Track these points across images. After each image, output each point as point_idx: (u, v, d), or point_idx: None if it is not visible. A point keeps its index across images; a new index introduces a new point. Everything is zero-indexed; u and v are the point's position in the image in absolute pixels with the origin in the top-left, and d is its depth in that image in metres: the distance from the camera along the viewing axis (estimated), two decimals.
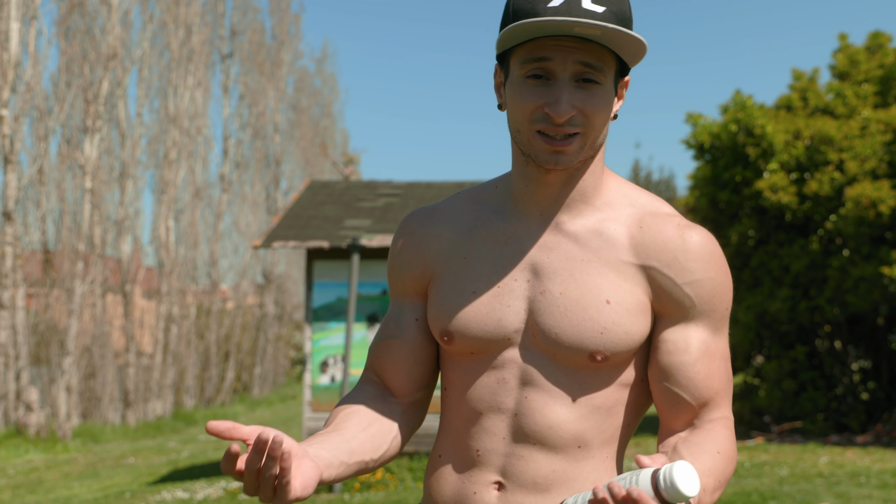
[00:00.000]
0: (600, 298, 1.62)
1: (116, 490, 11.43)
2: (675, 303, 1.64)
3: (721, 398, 1.65)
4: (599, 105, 1.58)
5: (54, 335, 21.24)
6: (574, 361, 1.63)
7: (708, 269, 1.64)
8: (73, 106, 22.20)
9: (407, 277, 1.77)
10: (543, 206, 1.68)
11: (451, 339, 1.68)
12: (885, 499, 8.36)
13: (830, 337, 14.22)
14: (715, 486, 1.53)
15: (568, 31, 1.53)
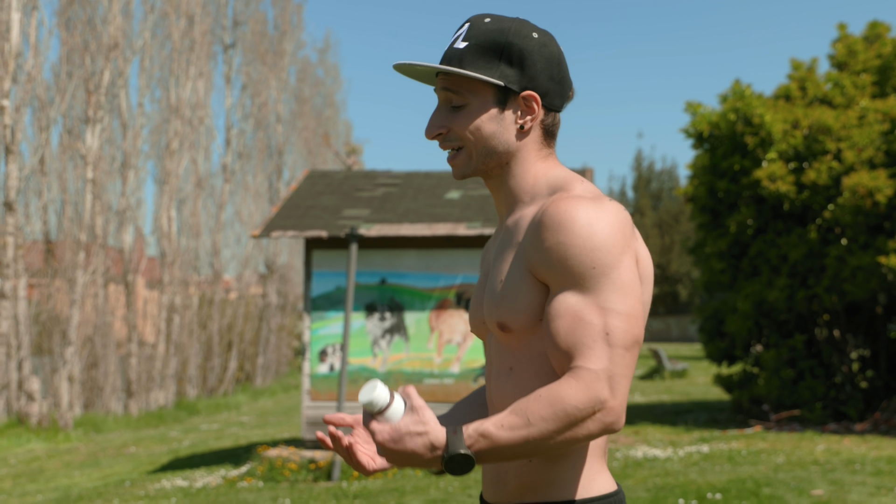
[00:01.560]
0: (499, 277, 1.89)
1: (116, 479, 11.49)
2: (542, 271, 1.81)
3: (577, 350, 1.74)
4: (464, 122, 1.91)
5: (56, 325, 21.30)
6: (500, 335, 1.89)
7: (557, 236, 1.77)
8: (75, 96, 22.22)
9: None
10: (501, 211, 2.00)
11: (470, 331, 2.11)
12: (878, 485, 8.40)
13: (829, 325, 14.24)
14: (521, 423, 1.69)
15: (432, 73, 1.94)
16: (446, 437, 1.68)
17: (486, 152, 1.91)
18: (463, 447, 1.67)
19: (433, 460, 1.69)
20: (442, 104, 1.93)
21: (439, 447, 1.68)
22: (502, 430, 1.69)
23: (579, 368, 1.73)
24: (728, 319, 14.37)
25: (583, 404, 1.69)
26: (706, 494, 7.97)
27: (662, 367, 26.31)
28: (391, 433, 1.69)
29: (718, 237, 14.29)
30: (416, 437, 1.69)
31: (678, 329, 46.29)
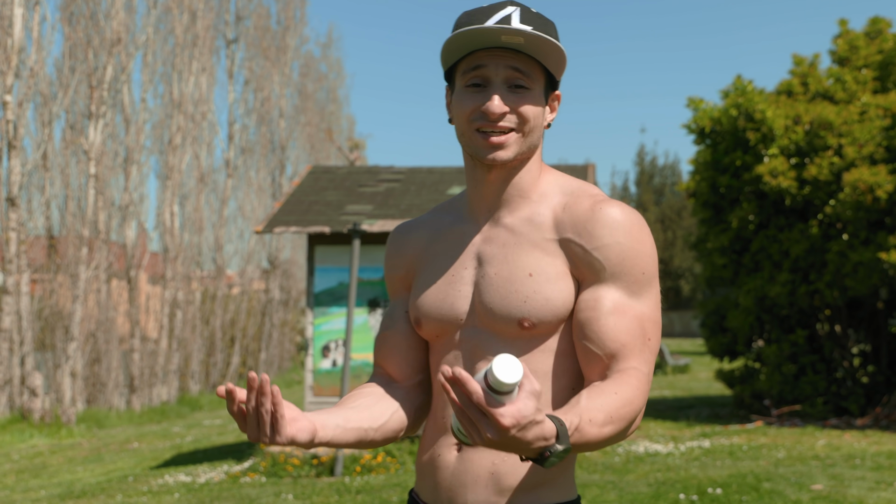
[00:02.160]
0: (524, 273, 1.85)
1: (119, 474, 11.53)
2: (587, 267, 1.83)
3: (630, 351, 1.79)
4: (529, 107, 1.84)
5: (59, 321, 21.35)
6: (508, 331, 1.85)
7: (615, 235, 1.82)
8: (77, 91, 22.25)
9: (395, 278, 2.07)
10: (489, 204, 1.93)
11: (420, 324, 1.96)
12: (877, 480, 8.43)
13: (830, 321, 14.26)
14: (605, 420, 1.68)
15: (496, 41, 1.79)
16: (556, 429, 1.58)
17: (531, 141, 1.87)
18: (568, 441, 1.59)
19: (535, 450, 1.57)
20: (501, 82, 1.82)
21: (550, 438, 1.57)
22: (591, 425, 1.66)
23: (635, 370, 1.79)
24: (730, 315, 14.39)
25: (641, 407, 1.78)
26: (707, 489, 8.00)
27: (665, 363, 26.35)
28: (518, 419, 1.51)
29: (720, 232, 14.31)
30: (535, 426, 1.55)
31: (680, 324, 46.30)
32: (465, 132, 1.86)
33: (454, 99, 1.89)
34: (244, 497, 8.86)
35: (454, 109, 1.88)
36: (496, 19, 1.81)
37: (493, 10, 1.84)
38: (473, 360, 1.88)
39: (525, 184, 1.90)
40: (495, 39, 1.79)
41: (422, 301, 1.94)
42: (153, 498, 9.28)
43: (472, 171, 1.93)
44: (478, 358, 1.87)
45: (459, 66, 1.87)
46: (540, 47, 1.80)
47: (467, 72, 1.84)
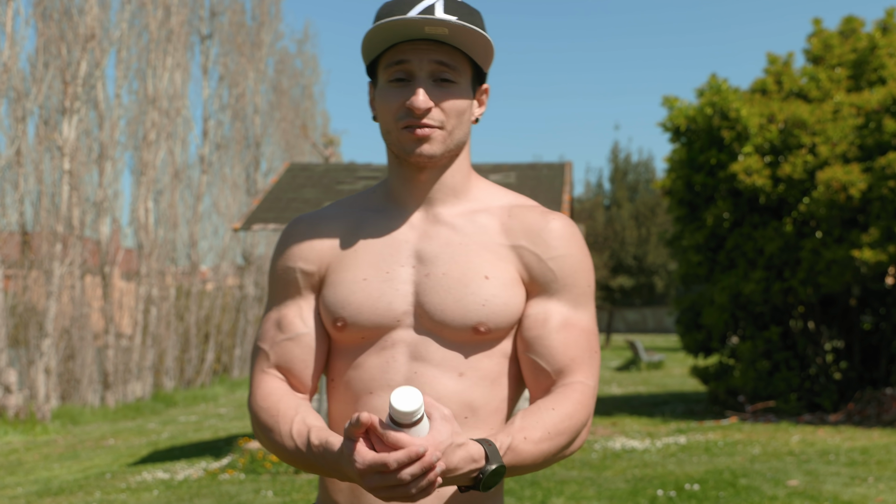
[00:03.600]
0: (480, 275, 1.77)
1: (97, 471, 11.50)
2: (540, 276, 1.80)
3: (578, 365, 1.78)
4: (456, 102, 1.76)
5: (33, 317, 21.23)
6: (459, 335, 1.76)
7: (569, 247, 1.81)
8: (51, 87, 22.11)
9: (303, 273, 1.86)
10: (419, 201, 1.84)
11: (345, 325, 1.80)
12: (852, 476, 8.54)
13: (804, 318, 14.41)
14: (542, 437, 1.67)
15: (420, 32, 1.71)
16: (484, 450, 1.58)
17: (459, 137, 1.79)
18: (499, 459, 1.58)
19: (467, 474, 1.57)
20: (426, 76, 1.74)
21: (479, 459, 1.57)
22: (526, 443, 1.64)
23: (581, 384, 1.77)
24: (705, 312, 14.52)
25: (585, 420, 1.75)
26: (684, 485, 8.08)
27: (639, 359, 26.49)
28: (436, 446, 1.50)
29: (695, 230, 14.43)
30: (458, 449, 1.54)
31: (654, 320, 46.55)
32: (391, 130, 1.78)
33: (377, 95, 1.80)
34: (224, 494, 8.87)
35: (378, 106, 1.79)
36: (419, 10, 1.72)
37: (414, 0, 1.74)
38: (414, 365, 1.77)
39: (457, 182, 1.84)
40: (418, 31, 1.70)
41: (350, 300, 1.79)
42: (132, 495, 9.27)
43: (399, 170, 1.83)
44: (419, 362, 1.77)
45: (381, 60, 1.78)
46: (466, 38, 1.72)
47: (390, 66, 1.76)
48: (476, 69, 1.80)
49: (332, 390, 1.85)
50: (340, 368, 1.83)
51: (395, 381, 1.76)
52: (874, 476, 8.52)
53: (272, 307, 1.89)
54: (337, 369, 1.84)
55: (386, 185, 1.90)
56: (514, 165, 13.09)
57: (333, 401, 1.85)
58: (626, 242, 39.53)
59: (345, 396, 1.81)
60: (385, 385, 1.76)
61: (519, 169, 12.90)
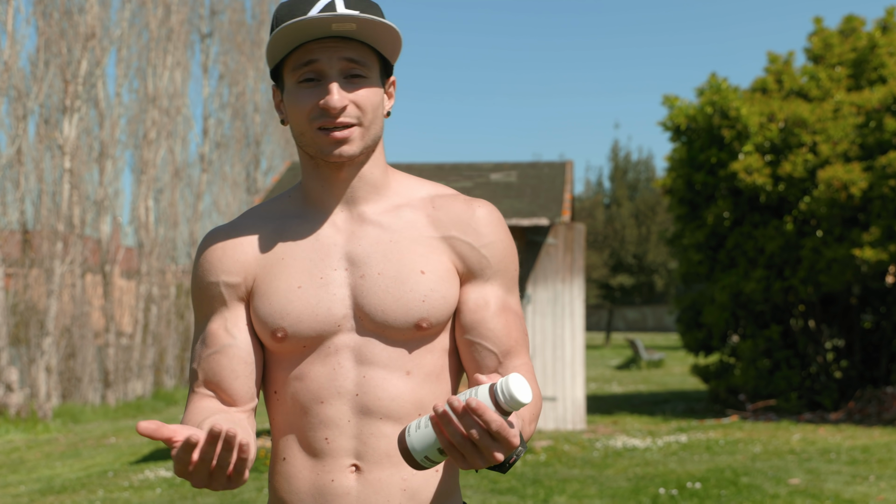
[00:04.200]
0: (415, 270, 1.75)
1: (99, 469, 11.52)
2: (475, 264, 1.79)
3: (520, 347, 1.81)
4: (370, 97, 1.73)
5: (34, 315, 21.25)
6: (402, 334, 1.74)
7: (497, 233, 1.82)
8: (52, 86, 22.12)
9: (227, 285, 1.80)
10: (340, 201, 1.80)
11: (285, 335, 1.75)
12: (853, 474, 8.57)
13: (804, 316, 14.44)
14: (531, 418, 1.68)
15: (327, 30, 1.68)
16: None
17: (374, 132, 1.76)
18: (524, 442, 1.60)
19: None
20: (337, 74, 1.71)
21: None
22: (525, 424, 1.65)
23: (526, 364, 1.80)
24: (705, 310, 14.54)
25: (541, 403, 1.76)
26: (686, 484, 8.11)
27: (639, 357, 26.52)
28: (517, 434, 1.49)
29: (696, 229, 14.45)
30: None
31: (654, 319, 46.59)
32: (306, 132, 1.73)
33: (286, 97, 1.75)
34: (226, 492, 8.89)
35: (289, 109, 1.75)
36: (320, 7, 1.69)
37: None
38: (361, 369, 1.74)
39: (377, 179, 1.81)
40: (325, 29, 1.68)
41: (288, 309, 1.75)
42: (135, 493, 9.29)
43: (316, 171, 1.79)
44: (367, 365, 1.74)
45: (287, 61, 1.74)
46: (373, 32, 1.70)
47: (298, 67, 1.72)
48: (383, 62, 1.78)
49: (275, 402, 1.81)
50: (282, 379, 1.78)
51: (345, 388, 1.73)
52: (875, 475, 8.55)
53: (199, 326, 1.84)
54: (278, 381, 1.79)
55: (300, 188, 1.86)
56: (515, 164, 13.11)
57: (278, 413, 1.80)
58: (625, 241, 39.55)
59: (292, 408, 1.77)
60: (335, 392, 1.74)
61: (520, 168, 12.93)
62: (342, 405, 1.73)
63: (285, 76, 1.75)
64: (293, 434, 1.77)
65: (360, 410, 1.73)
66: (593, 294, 39.06)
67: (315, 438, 1.74)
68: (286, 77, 1.75)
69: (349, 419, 1.73)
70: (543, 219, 11.18)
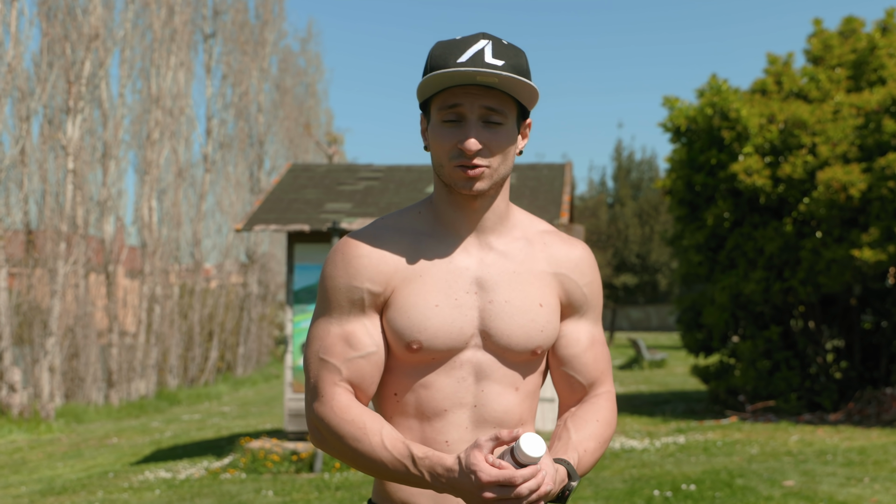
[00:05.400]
0: (535, 303, 2.00)
1: (100, 470, 11.58)
2: (577, 301, 2.07)
3: (605, 376, 2.10)
4: (503, 142, 1.93)
5: (37, 315, 21.31)
6: (519, 357, 1.99)
7: (594, 273, 2.10)
8: (55, 86, 22.18)
9: (370, 293, 1.97)
10: (472, 228, 2.01)
11: (420, 348, 1.95)
12: (848, 476, 8.59)
13: (804, 317, 14.45)
14: (596, 447, 2.00)
15: (472, 80, 1.88)
16: (567, 470, 1.88)
17: (504, 172, 1.96)
18: (577, 475, 1.89)
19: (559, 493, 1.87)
20: (476, 119, 1.90)
21: (565, 478, 1.88)
22: (587, 454, 1.96)
23: (608, 393, 2.10)
24: (705, 311, 14.56)
25: (616, 422, 2.07)
26: (681, 485, 8.14)
27: (641, 357, 26.53)
28: (553, 480, 1.80)
29: (696, 230, 14.47)
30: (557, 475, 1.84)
31: (657, 318, 46.56)
32: (445, 165, 1.94)
33: (431, 132, 1.95)
34: (224, 493, 8.94)
35: (432, 143, 1.94)
36: (470, 55, 1.88)
37: (466, 44, 1.91)
38: (481, 383, 1.97)
39: (502, 211, 2.02)
40: (471, 79, 1.87)
41: (426, 325, 1.94)
42: (134, 494, 9.34)
43: (450, 197, 1.99)
44: (486, 381, 1.97)
45: (435, 100, 1.94)
46: (513, 85, 1.88)
47: (443, 108, 1.92)
48: (521, 108, 1.97)
49: (393, 403, 2.01)
50: (407, 385, 1.98)
51: (467, 399, 1.96)
52: (870, 476, 8.57)
53: (332, 320, 1.99)
54: (402, 385, 1.99)
55: (430, 207, 2.06)
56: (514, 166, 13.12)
57: (395, 413, 2.00)
58: (629, 240, 39.53)
59: (415, 411, 1.98)
60: (458, 403, 1.96)
61: (519, 169, 12.95)
62: (462, 414, 1.97)
63: (432, 111, 1.95)
64: (411, 434, 1.98)
65: (477, 419, 1.97)
66: None
67: (436, 441, 1.96)
68: (433, 112, 1.95)
69: (467, 426, 1.96)
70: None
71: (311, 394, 1.98)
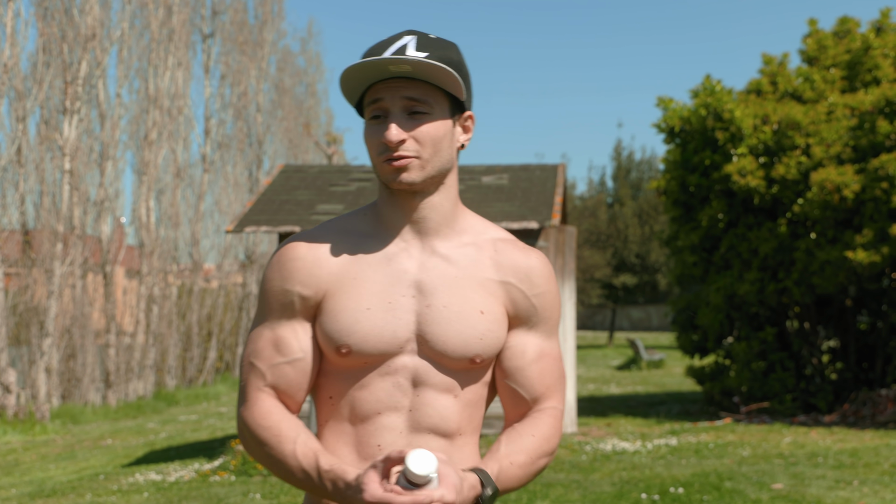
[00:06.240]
0: (476, 309, 1.92)
1: (91, 472, 11.56)
2: (524, 312, 1.97)
3: (551, 392, 2.00)
4: (430, 132, 1.87)
5: (34, 316, 21.31)
6: (456, 364, 1.91)
7: (548, 284, 2.00)
8: (52, 87, 22.19)
9: (301, 298, 1.93)
10: (414, 229, 1.95)
11: (349, 352, 1.89)
12: (837, 479, 8.55)
13: (800, 318, 14.41)
14: (525, 462, 1.91)
15: (385, 72, 1.84)
16: (479, 478, 1.80)
17: (439, 164, 1.89)
18: (493, 484, 1.81)
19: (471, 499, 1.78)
20: (399, 111, 1.86)
21: (477, 486, 1.79)
22: (512, 467, 1.88)
23: (553, 409, 2.00)
24: (700, 312, 14.53)
25: (558, 440, 1.99)
26: (669, 489, 8.11)
27: (639, 358, 26.50)
28: (457, 491, 1.72)
29: (690, 231, 14.44)
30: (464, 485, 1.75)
31: (658, 318, 46.53)
32: (375, 163, 1.90)
33: (363, 132, 1.93)
34: (212, 496, 8.91)
35: (365, 142, 1.92)
36: (392, 50, 1.85)
37: (391, 41, 1.88)
38: (417, 388, 1.91)
39: (448, 212, 1.95)
40: (384, 71, 1.83)
41: (355, 328, 1.88)
42: (122, 497, 9.32)
43: (391, 197, 1.94)
44: (422, 386, 1.90)
45: (364, 100, 1.91)
46: (430, 72, 1.83)
47: (369, 105, 1.89)
48: (454, 99, 1.91)
49: (328, 406, 1.95)
50: (341, 389, 1.93)
51: (402, 404, 1.90)
52: (859, 479, 8.54)
53: (264, 324, 1.96)
54: (337, 389, 1.93)
55: (373, 209, 2.00)
56: (506, 167, 13.10)
57: (334, 418, 1.94)
58: (628, 240, 39.46)
59: (350, 415, 1.92)
60: (392, 407, 1.90)
61: (511, 171, 12.92)
62: (397, 418, 1.90)
63: (364, 113, 1.93)
64: (345, 437, 1.93)
65: (412, 424, 1.91)
66: (596, 294, 38.97)
67: (368, 444, 1.90)
68: (364, 113, 1.92)
69: (401, 431, 1.90)
70: (533, 222, 11.18)
71: (239, 397, 1.96)
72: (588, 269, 36.95)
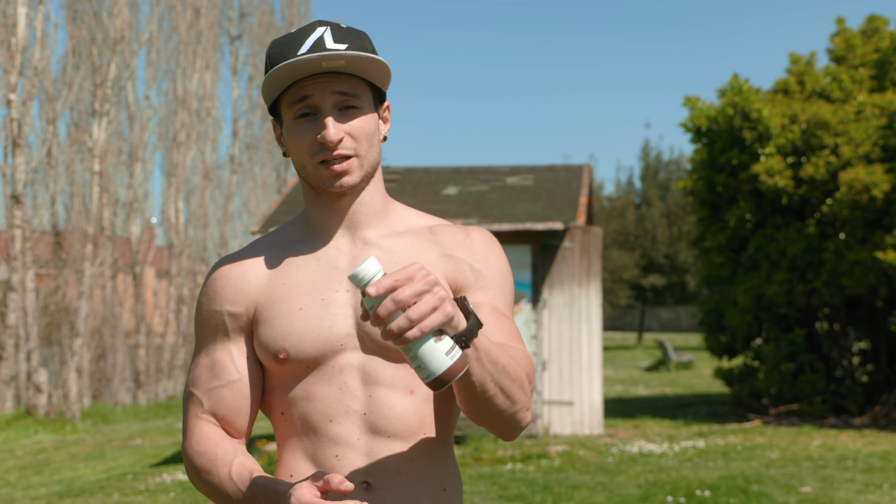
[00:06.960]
0: None
1: (120, 472, 11.64)
2: (468, 276, 1.84)
3: (514, 341, 1.79)
4: (365, 126, 1.80)
5: (64, 316, 21.50)
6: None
7: (492, 252, 1.88)
8: (82, 89, 22.37)
9: (231, 316, 1.85)
10: (344, 227, 1.86)
11: (287, 356, 1.78)
12: (867, 482, 8.47)
13: (829, 319, 14.29)
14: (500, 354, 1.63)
15: (317, 68, 1.75)
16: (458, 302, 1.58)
17: (372, 161, 1.83)
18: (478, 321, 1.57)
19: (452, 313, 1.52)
20: (330, 109, 1.77)
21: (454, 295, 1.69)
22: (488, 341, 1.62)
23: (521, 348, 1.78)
24: (728, 313, 14.43)
25: (531, 366, 1.77)
26: (695, 491, 8.06)
27: (668, 359, 26.36)
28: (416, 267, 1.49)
29: (718, 231, 14.35)
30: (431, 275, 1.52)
31: (687, 319, 46.31)
32: (307, 165, 1.80)
33: (286, 132, 1.82)
34: None
35: (289, 143, 1.81)
36: (309, 44, 1.76)
37: (303, 35, 1.78)
38: (368, 387, 1.78)
39: (377, 206, 1.87)
40: (316, 67, 1.75)
41: (289, 331, 1.79)
42: (149, 497, 9.38)
43: (318, 199, 1.85)
44: (373, 385, 1.78)
45: (283, 98, 1.81)
46: (361, 65, 1.77)
47: (294, 103, 1.78)
48: (375, 90, 1.85)
49: (282, 423, 1.84)
50: (289, 401, 1.81)
51: (353, 407, 1.77)
52: (890, 483, 8.45)
53: (201, 351, 1.88)
54: (286, 402, 1.82)
55: (303, 216, 1.91)
56: (531, 168, 13.07)
57: (285, 432, 1.84)
58: (657, 241, 39.29)
59: (301, 427, 1.80)
60: (343, 411, 1.77)
61: (536, 171, 12.89)
62: (351, 424, 1.77)
63: (283, 112, 1.81)
64: (302, 452, 1.81)
65: (369, 429, 1.77)
66: (625, 294, 38.84)
67: (326, 456, 1.77)
68: (283, 113, 1.81)
69: (359, 437, 1.77)
70: (558, 223, 11.15)
71: (182, 430, 1.89)
72: (616, 270, 36.82)
